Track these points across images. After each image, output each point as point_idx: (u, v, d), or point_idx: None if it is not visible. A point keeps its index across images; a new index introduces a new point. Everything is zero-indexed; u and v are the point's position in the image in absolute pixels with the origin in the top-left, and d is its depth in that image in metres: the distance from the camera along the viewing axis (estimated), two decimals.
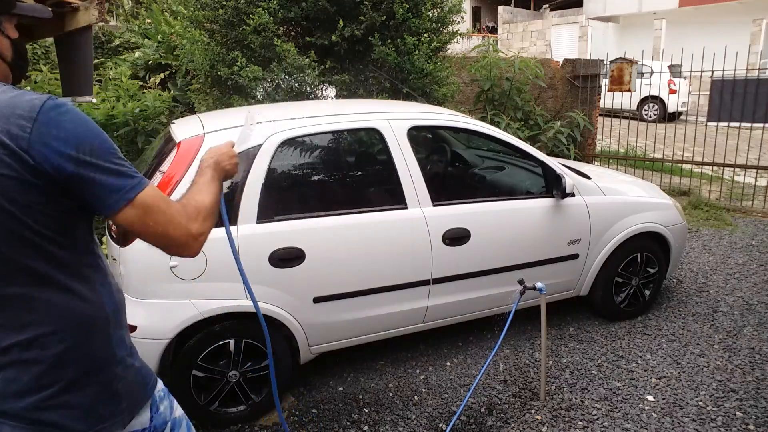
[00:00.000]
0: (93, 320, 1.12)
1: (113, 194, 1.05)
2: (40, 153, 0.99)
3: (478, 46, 8.26)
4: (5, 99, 1.02)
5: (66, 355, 1.07)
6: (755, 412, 2.72)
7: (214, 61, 5.19)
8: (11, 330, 1.05)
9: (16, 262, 1.02)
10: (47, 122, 1.00)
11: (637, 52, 7.96)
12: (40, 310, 1.05)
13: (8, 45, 1.17)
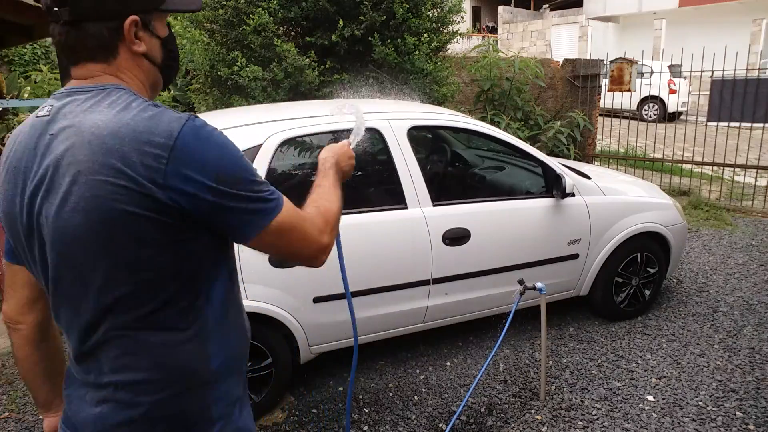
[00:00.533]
0: (193, 375, 1.00)
1: (250, 224, 0.96)
2: (175, 188, 0.88)
3: (478, 46, 8.26)
4: (143, 120, 0.90)
5: (156, 409, 0.98)
6: (755, 412, 2.72)
7: (214, 61, 5.19)
8: (109, 368, 0.98)
9: (133, 305, 0.94)
10: (185, 150, 0.89)
11: (637, 52, 7.96)
12: (139, 354, 0.96)
13: (158, 46, 1.03)
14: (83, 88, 0.96)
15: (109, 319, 0.95)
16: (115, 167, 0.87)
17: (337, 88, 5.13)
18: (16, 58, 10.54)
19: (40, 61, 10.65)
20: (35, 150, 0.94)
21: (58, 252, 0.94)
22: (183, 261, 0.95)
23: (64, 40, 0.96)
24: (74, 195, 0.88)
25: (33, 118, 0.98)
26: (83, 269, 0.93)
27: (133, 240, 0.90)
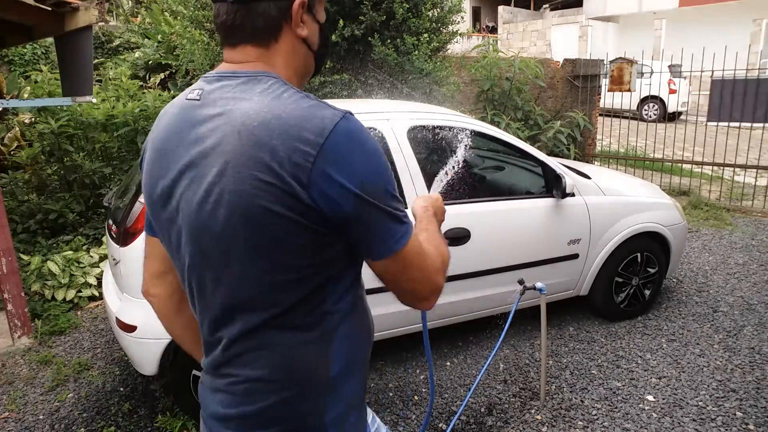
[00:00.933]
0: (312, 379, 0.97)
1: (384, 242, 0.91)
2: (319, 189, 0.84)
3: (478, 46, 8.26)
4: (295, 113, 0.85)
5: (272, 410, 0.96)
6: (755, 412, 2.72)
7: (214, 61, 5.19)
8: (231, 362, 0.97)
9: (261, 303, 0.92)
10: (334, 150, 0.84)
11: (637, 52, 7.96)
12: (264, 352, 0.95)
13: (317, 31, 1.00)
14: (235, 73, 0.94)
15: (235, 315, 0.94)
16: (263, 161, 0.83)
17: (337, 88, 5.13)
18: (16, 58, 10.53)
19: (40, 61, 10.65)
20: (182, 135, 0.93)
21: (194, 242, 0.93)
22: (317, 266, 0.91)
23: (231, 19, 0.93)
24: (218, 187, 0.86)
25: (182, 100, 0.97)
26: (217, 264, 0.91)
27: (271, 240, 0.86)
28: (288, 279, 0.90)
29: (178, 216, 0.94)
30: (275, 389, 0.95)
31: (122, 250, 2.52)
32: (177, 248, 0.98)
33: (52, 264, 4.34)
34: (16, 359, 3.50)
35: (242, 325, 0.94)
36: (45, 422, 2.85)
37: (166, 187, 0.95)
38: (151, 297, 1.14)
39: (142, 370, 2.61)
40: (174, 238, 0.97)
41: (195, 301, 1.00)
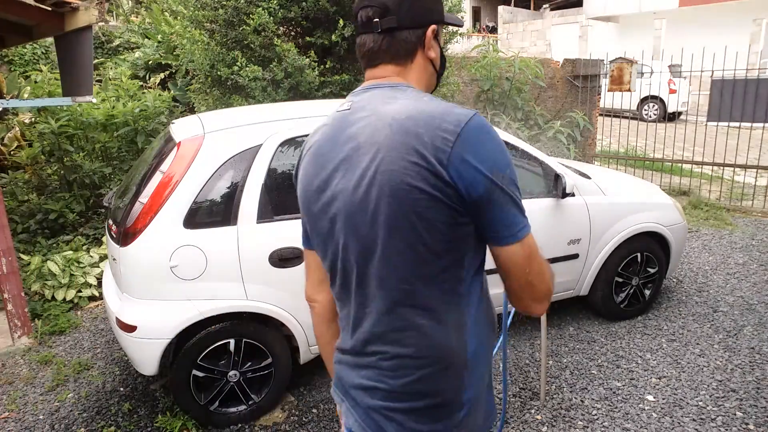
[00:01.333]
0: (451, 360, 1.06)
1: (510, 227, 1.01)
2: (456, 169, 0.95)
3: (478, 45, 8.26)
4: (436, 109, 1.00)
5: (417, 384, 1.05)
6: (755, 411, 2.72)
7: (214, 61, 5.19)
8: (379, 338, 1.07)
9: (406, 281, 1.01)
10: (469, 138, 0.96)
11: (637, 52, 7.96)
12: (409, 330, 1.04)
13: (439, 53, 1.18)
14: (379, 85, 1.11)
15: (382, 293, 1.04)
16: (411, 145, 0.96)
17: (338, 89, 5.13)
18: (16, 58, 10.53)
19: (40, 61, 10.65)
20: (337, 138, 1.08)
21: (348, 223, 1.04)
22: (453, 243, 1.01)
23: (377, 47, 1.11)
24: (371, 170, 0.99)
25: (335, 113, 1.14)
26: (366, 241, 1.03)
27: (416, 215, 0.97)
28: (428, 256, 1.00)
29: (333, 204, 1.07)
30: (420, 365, 1.05)
31: (122, 250, 2.52)
32: (330, 234, 1.10)
33: (52, 264, 4.34)
34: (16, 359, 3.50)
35: (386, 303, 1.04)
36: (45, 422, 2.85)
37: (322, 181, 1.09)
38: (314, 303, 1.28)
39: (142, 370, 2.61)
40: (327, 225, 1.10)
41: (342, 282, 1.12)
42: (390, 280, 1.02)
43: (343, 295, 1.13)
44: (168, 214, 2.48)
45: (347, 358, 1.14)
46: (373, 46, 1.12)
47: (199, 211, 2.55)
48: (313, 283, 1.27)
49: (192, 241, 2.50)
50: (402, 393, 1.06)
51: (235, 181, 2.60)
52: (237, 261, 2.56)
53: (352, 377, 1.13)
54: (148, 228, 2.47)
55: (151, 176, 2.60)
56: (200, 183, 2.54)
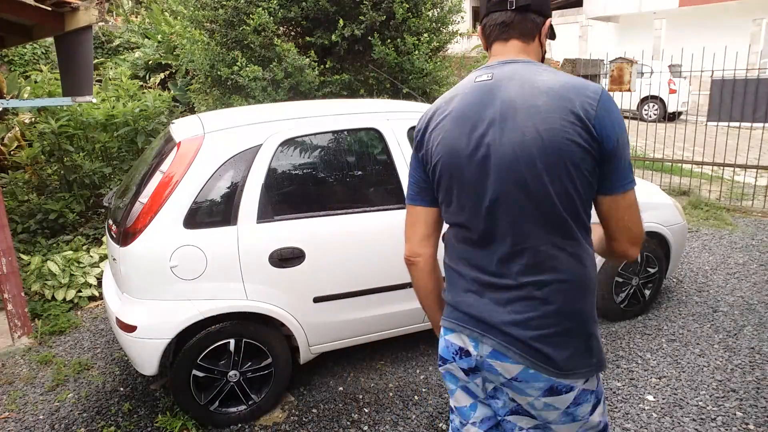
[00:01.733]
0: (588, 282, 1.29)
1: (622, 179, 1.25)
2: (599, 126, 1.19)
3: (478, 46, 8.26)
4: (576, 80, 1.25)
5: (566, 306, 1.26)
6: (755, 411, 2.72)
7: (214, 61, 5.19)
8: (533, 271, 1.25)
9: (560, 218, 1.23)
10: (606, 105, 1.21)
11: (637, 52, 7.96)
12: (560, 260, 1.25)
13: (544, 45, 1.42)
14: (515, 60, 1.32)
15: (539, 229, 1.23)
16: (567, 108, 1.19)
17: (338, 88, 5.13)
18: (16, 58, 10.53)
19: (40, 61, 10.65)
20: (485, 102, 1.28)
21: (506, 173, 1.23)
22: (591, 187, 1.24)
23: (510, 20, 1.33)
24: (531, 128, 1.20)
25: (471, 83, 1.33)
26: (528, 187, 1.22)
27: (572, 164, 1.20)
28: (573, 195, 1.22)
29: (490, 157, 1.25)
30: (568, 288, 1.26)
31: (122, 250, 2.52)
32: (480, 183, 1.27)
33: (52, 264, 4.34)
34: (16, 359, 3.50)
35: (545, 237, 1.24)
36: (45, 422, 2.85)
37: (475, 139, 1.27)
38: (418, 257, 1.45)
39: (142, 370, 2.61)
40: (477, 176, 1.27)
41: (488, 227, 1.29)
42: (548, 218, 1.23)
43: (486, 240, 1.30)
44: (168, 214, 2.48)
45: (494, 297, 1.30)
46: (505, 19, 1.34)
47: (199, 211, 2.55)
48: (417, 239, 1.45)
49: (192, 241, 2.50)
50: (554, 316, 1.25)
51: (235, 181, 2.60)
52: (237, 261, 2.56)
53: (500, 315, 1.29)
54: (148, 228, 2.47)
55: (151, 176, 2.60)
56: (200, 183, 2.54)
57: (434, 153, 1.35)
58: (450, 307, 1.41)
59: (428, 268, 1.47)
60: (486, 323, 1.31)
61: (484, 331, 1.31)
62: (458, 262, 1.38)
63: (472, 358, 1.35)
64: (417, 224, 1.44)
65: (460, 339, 1.37)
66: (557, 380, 1.27)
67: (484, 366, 1.33)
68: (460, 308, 1.36)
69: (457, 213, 1.34)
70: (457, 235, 1.37)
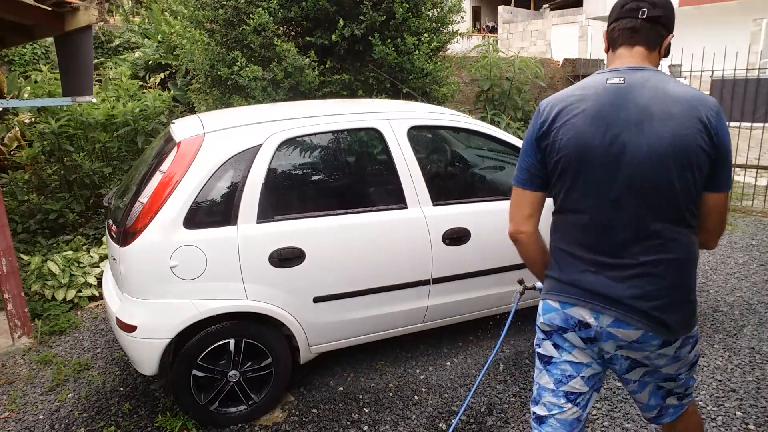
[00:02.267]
0: (695, 260, 1.55)
1: (727, 179, 1.50)
2: (718, 134, 1.43)
3: (478, 45, 8.26)
4: (698, 93, 1.47)
5: (678, 279, 1.51)
6: (755, 411, 2.72)
7: (214, 61, 5.19)
8: (652, 252, 1.49)
9: (679, 209, 1.47)
10: (721, 116, 1.45)
11: None
12: (675, 243, 1.49)
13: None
14: (642, 68, 1.53)
15: (663, 216, 1.47)
16: (696, 117, 1.42)
17: (338, 88, 5.13)
18: (16, 58, 10.53)
19: (40, 61, 10.65)
20: (620, 105, 1.48)
21: (638, 169, 1.45)
22: (702, 185, 1.48)
23: (639, 28, 1.55)
24: (667, 132, 1.42)
25: (603, 84, 1.52)
26: (658, 182, 1.45)
27: (695, 164, 1.43)
28: (695, 191, 1.47)
29: (624, 154, 1.46)
30: (680, 265, 1.50)
31: (122, 250, 2.52)
32: (609, 176, 1.49)
33: (52, 264, 4.34)
34: (16, 359, 3.50)
35: (668, 224, 1.48)
36: (45, 422, 2.85)
37: (610, 137, 1.47)
38: (522, 234, 1.69)
39: (142, 370, 2.61)
40: (607, 171, 1.49)
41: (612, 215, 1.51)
42: (670, 209, 1.47)
43: (607, 226, 1.52)
44: (168, 214, 2.48)
45: (612, 275, 1.53)
46: (635, 26, 1.54)
47: (199, 211, 2.55)
48: (522, 218, 1.68)
49: (192, 241, 2.50)
50: (668, 289, 1.50)
51: (235, 181, 2.60)
52: (237, 261, 2.56)
53: (620, 290, 1.52)
54: (148, 228, 2.47)
55: (151, 176, 2.60)
56: (200, 183, 2.54)
57: (562, 146, 1.53)
58: (564, 284, 1.62)
59: (531, 242, 1.70)
60: (608, 297, 1.53)
61: (607, 304, 1.53)
62: (573, 246, 1.59)
63: (592, 329, 1.57)
64: (523, 205, 1.67)
65: (580, 313, 1.58)
66: (668, 338, 1.54)
67: (603, 335, 1.57)
68: (580, 285, 1.58)
69: (578, 201, 1.56)
70: (576, 222, 1.58)
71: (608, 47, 1.62)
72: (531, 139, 1.62)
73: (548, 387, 1.72)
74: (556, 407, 1.71)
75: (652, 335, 1.52)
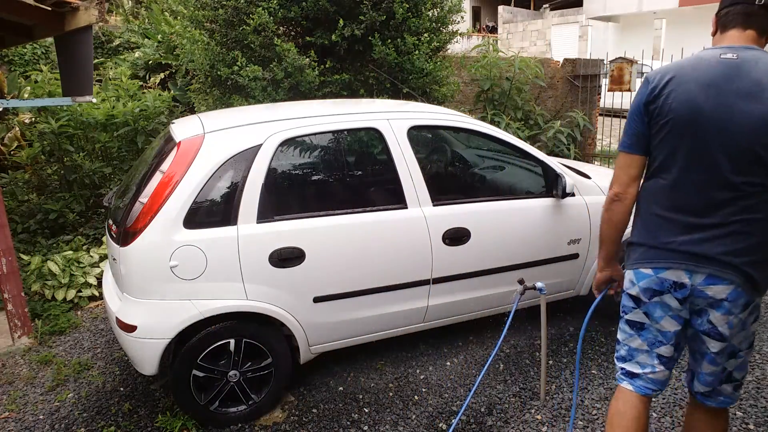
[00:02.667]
0: None
1: None
2: None
3: (478, 45, 8.26)
4: None
5: (763, 236, 1.67)
6: (755, 411, 2.72)
7: (214, 61, 5.19)
8: (743, 213, 1.65)
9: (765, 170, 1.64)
10: None
11: (637, 52, 7.97)
12: (765, 203, 1.65)
13: None
14: (753, 48, 1.69)
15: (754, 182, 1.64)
16: None
17: (337, 88, 5.13)
18: (16, 58, 10.53)
19: (40, 61, 10.65)
20: (733, 76, 1.64)
21: (743, 132, 1.61)
22: None
23: (753, 13, 1.71)
24: None
25: (717, 58, 1.68)
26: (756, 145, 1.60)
27: None
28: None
29: (732, 122, 1.62)
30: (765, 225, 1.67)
31: (122, 250, 2.52)
32: (715, 140, 1.66)
33: (52, 264, 4.34)
34: (16, 359, 3.51)
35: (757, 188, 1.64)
36: (45, 422, 2.85)
37: (722, 106, 1.63)
38: (626, 195, 1.86)
39: (142, 370, 2.62)
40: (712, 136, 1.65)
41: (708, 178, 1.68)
42: (762, 171, 1.63)
43: (703, 187, 1.68)
44: (168, 214, 2.48)
45: (705, 235, 1.70)
46: (750, 11, 1.70)
47: (200, 210, 2.55)
48: (629, 179, 1.84)
49: (192, 241, 2.50)
50: (756, 246, 1.67)
51: (235, 181, 2.60)
52: (237, 261, 2.56)
53: (713, 248, 1.69)
54: (148, 228, 2.47)
55: (151, 176, 2.60)
56: (200, 183, 2.54)
57: (672, 108, 1.69)
58: (656, 250, 1.78)
59: (629, 204, 1.86)
60: (702, 256, 1.70)
61: (700, 263, 1.70)
62: (667, 210, 1.76)
63: (687, 288, 1.74)
64: (630, 168, 1.83)
65: (675, 274, 1.75)
66: (751, 297, 1.70)
67: (695, 293, 1.73)
68: (673, 248, 1.74)
69: (677, 164, 1.72)
70: (671, 185, 1.74)
71: (716, 30, 1.80)
72: (639, 105, 1.78)
73: (641, 349, 1.90)
74: (649, 366, 1.89)
75: (741, 292, 1.69)
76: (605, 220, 1.95)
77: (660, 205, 1.77)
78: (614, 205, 1.89)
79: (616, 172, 1.88)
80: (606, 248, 2.00)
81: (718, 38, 1.79)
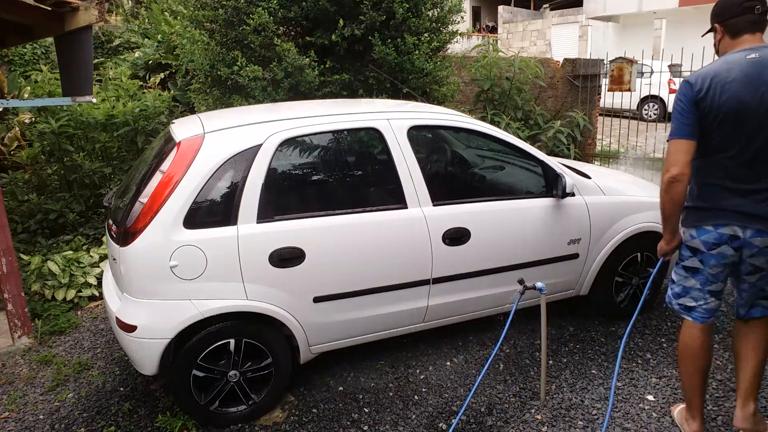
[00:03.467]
0: None
1: None
2: None
3: (478, 45, 8.26)
4: None
5: None
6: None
7: (214, 61, 5.19)
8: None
9: None
10: None
11: (637, 51, 7.96)
12: None
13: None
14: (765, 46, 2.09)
15: None
16: None
17: (337, 88, 5.12)
18: (16, 58, 10.53)
19: (40, 61, 10.65)
20: (759, 72, 2.06)
21: None
22: None
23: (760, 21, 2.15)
24: None
25: (745, 59, 2.09)
26: None
27: None
28: None
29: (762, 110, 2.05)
30: None
31: (122, 250, 2.52)
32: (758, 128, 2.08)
33: (52, 264, 4.34)
34: (16, 359, 3.51)
35: None
36: (45, 422, 2.85)
37: (757, 98, 2.05)
38: (683, 176, 2.14)
39: (142, 370, 2.62)
40: (757, 122, 2.07)
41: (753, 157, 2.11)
42: None
43: (751, 163, 2.11)
44: (168, 214, 2.48)
45: (754, 198, 2.13)
46: (757, 20, 2.13)
47: (199, 210, 2.55)
48: (686, 162, 2.14)
49: (192, 241, 2.50)
50: None
51: (235, 181, 2.60)
52: (237, 261, 2.56)
53: (761, 208, 2.12)
54: (148, 228, 2.47)
55: (151, 176, 2.60)
56: (200, 183, 2.54)
57: (722, 103, 2.08)
58: (716, 210, 2.19)
59: (687, 183, 2.17)
60: (752, 215, 2.13)
61: (750, 220, 2.14)
62: (723, 180, 2.16)
63: (740, 240, 2.17)
64: (687, 153, 2.14)
65: (731, 229, 2.17)
66: None
67: (746, 244, 2.17)
68: (729, 209, 2.17)
69: (731, 144, 2.11)
70: (727, 160, 2.14)
71: (723, 36, 2.21)
72: (689, 103, 2.15)
73: (695, 287, 2.34)
74: (702, 299, 2.34)
75: None
76: (668, 201, 2.21)
77: (717, 177, 2.18)
78: (675, 186, 2.15)
79: (673, 156, 2.15)
80: (672, 223, 2.30)
81: (729, 42, 2.19)
